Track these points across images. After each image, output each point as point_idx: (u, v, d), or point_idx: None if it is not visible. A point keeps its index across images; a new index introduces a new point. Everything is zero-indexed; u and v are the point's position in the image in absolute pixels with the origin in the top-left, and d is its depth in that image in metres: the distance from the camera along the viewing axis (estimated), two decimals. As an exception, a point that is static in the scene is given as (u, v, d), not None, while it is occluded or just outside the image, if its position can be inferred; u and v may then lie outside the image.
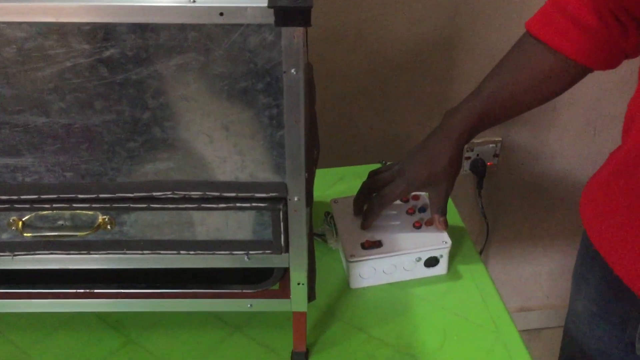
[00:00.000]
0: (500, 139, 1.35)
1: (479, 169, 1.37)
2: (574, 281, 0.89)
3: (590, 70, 0.77)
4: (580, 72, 0.77)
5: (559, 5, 0.74)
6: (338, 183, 1.07)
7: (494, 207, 1.47)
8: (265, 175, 0.62)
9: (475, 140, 1.35)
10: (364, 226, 0.87)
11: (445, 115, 0.82)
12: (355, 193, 0.94)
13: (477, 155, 1.37)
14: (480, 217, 1.45)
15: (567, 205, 1.48)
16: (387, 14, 1.15)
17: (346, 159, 1.15)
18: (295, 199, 0.63)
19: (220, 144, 0.60)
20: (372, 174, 0.89)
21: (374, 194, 0.87)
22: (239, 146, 0.60)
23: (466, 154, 1.37)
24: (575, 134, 1.36)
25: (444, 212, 0.84)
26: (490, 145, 1.35)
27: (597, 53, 0.74)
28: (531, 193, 1.45)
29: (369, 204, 0.87)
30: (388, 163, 1.08)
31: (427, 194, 0.89)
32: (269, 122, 0.58)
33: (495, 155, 1.37)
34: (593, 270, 0.82)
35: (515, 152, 1.38)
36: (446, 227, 0.85)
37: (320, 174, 0.92)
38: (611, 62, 0.76)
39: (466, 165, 1.39)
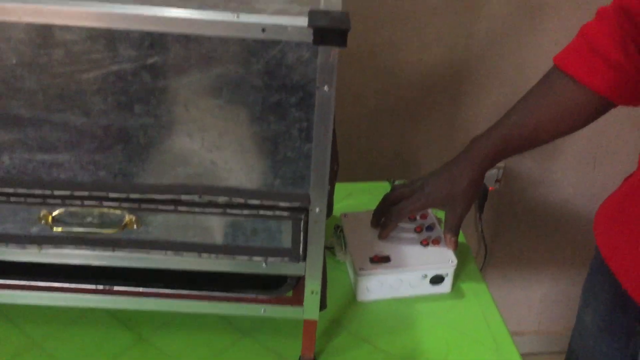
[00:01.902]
0: (503, 165, 1.38)
1: (481, 193, 1.40)
2: (582, 296, 0.93)
3: (614, 105, 0.80)
4: (604, 107, 0.81)
5: (587, 40, 0.78)
6: (346, 198, 1.10)
7: (492, 231, 1.50)
8: (290, 185, 0.65)
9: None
10: (381, 236, 0.90)
11: (471, 141, 0.86)
12: (362, 209, 0.97)
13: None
14: (479, 239, 1.48)
15: (563, 234, 1.52)
16: (400, 37, 1.19)
17: (354, 176, 1.18)
18: (317, 210, 0.65)
19: (249, 153, 0.63)
20: (394, 188, 0.93)
21: (393, 207, 0.90)
22: (267, 156, 0.63)
23: (468, 178, 1.40)
24: (576, 165, 1.40)
25: (456, 233, 0.88)
26: (493, 170, 1.39)
27: (622, 88, 0.77)
28: (529, 220, 1.49)
29: (387, 214, 0.90)
30: (396, 181, 1.12)
31: (440, 212, 0.92)
32: (298, 134, 0.61)
33: (497, 181, 1.40)
34: (602, 286, 0.86)
35: (517, 178, 1.41)
36: (456, 246, 0.88)
37: (332, 188, 0.95)
38: (636, 98, 0.79)
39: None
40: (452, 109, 1.29)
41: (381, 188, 1.12)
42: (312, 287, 0.71)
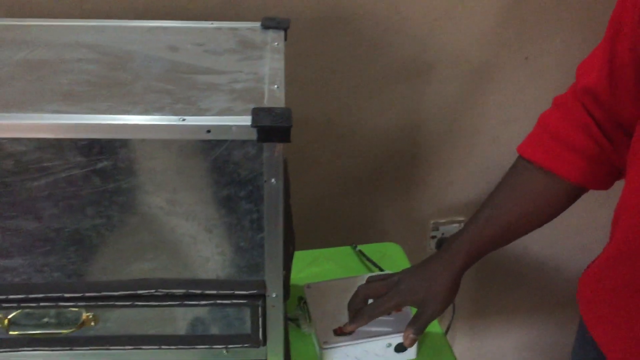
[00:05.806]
0: (464, 218, 1.41)
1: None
2: None
3: (585, 190, 0.78)
4: (575, 193, 0.78)
5: (548, 130, 0.77)
6: (310, 266, 1.11)
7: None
8: (245, 273, 0.66)
9: (440, 220, 1.41)
10: (349, 329, 0.86)
11: (447, 241, 0.84)
12: (326, 277, 0.97)
13: (442, 234, 1.42)
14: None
15: (530, 282, 1.54)
16: (356, 102, 1.23)
17: (317, 242, 1.19)
18: (274, 295, 0.66)
19: (203, 245, 0.64)
20: (370, 280, 0.89)
21: (366, 306, 0.85)
22: (221, 247, 0.64)
23: (432, 233, 1.43)
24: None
25: (419, 332, 0.84)
26: (455, 224, 1.42)
27: (590, 172, 0.75)
28: (495, 270, 1.51)
29: (359, 312, 0.85)
30: (358, 247, 1.13)
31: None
32: (249, 225, 0.63)
33: (460, 235, 1.43)
34: (588, 356, 0.81)
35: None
36: (412, 344, 0.85)
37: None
38: (605, 181, 0.77)
39: (432, 243, 1.44)
40: (407, 171, 1.32)
41: (345, 253, 1.14)
42: (274, 370, 0.72)
